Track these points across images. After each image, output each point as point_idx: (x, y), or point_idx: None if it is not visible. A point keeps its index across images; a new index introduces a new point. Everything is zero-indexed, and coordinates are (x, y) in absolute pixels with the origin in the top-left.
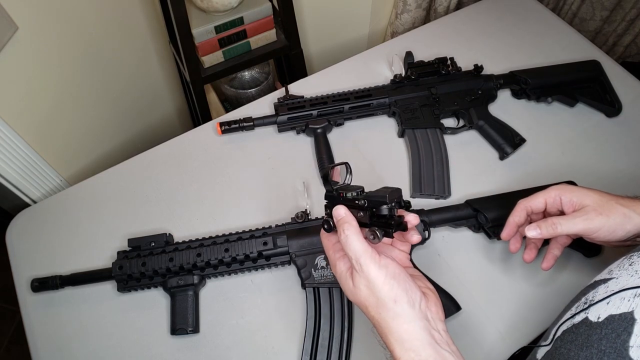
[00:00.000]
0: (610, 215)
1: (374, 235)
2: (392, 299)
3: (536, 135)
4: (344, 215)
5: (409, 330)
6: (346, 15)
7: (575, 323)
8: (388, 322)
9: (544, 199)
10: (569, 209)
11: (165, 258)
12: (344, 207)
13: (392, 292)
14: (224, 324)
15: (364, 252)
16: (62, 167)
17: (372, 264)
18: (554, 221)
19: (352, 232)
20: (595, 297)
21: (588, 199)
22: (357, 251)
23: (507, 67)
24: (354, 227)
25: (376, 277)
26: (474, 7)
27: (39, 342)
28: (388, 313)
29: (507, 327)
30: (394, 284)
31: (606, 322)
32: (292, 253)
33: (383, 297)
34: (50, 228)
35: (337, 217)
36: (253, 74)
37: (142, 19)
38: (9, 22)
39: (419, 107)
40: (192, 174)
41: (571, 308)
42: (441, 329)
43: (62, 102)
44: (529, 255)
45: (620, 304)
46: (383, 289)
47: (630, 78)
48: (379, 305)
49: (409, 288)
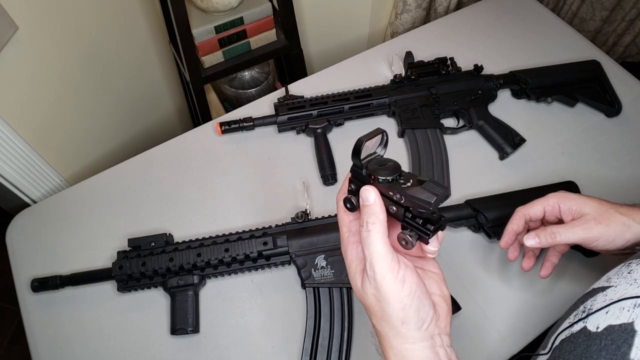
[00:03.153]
0: (610, 224)
1: (406, 241)
2: (401, 319)
3: (536, 135)
4: (373, 203)
5: (411, 349)
6: (346, 15)
7: (573, 332)
8: (390, 338)
9: (543, 206)
10: (568, 217)
11: (165, 258)
12: (376, 192)
13: (402, 313)
14: (224, 324)
15: (384, 258)
16: (62, 167)
17: (389, 275)
18: (553, 230)
19: (377, 230)
20: (594, 306)
21: (587, 208)
22: (376, 255)
23: (507, 67)
24: (381, 224)
25: (389, 292)
26: (474, 7)
27: (39, 342)
28: (392, 331)
29: (507, 327)
30: (406, 303)
31: (605, 332)
32: (292, 253)
33: (391, 314)
34: (50, 228)
35: (365, 201)
36: (253, 74)
37: (142, 19)
38: (9, 22)
39: (419, 107)
40: (192, 174)
41: (569, 316)
42: (446, 345)
43: (62, 102)
44: (527, 263)
45: (620, 314)
46: (394, 307)
47: (630, 78)
48: (384, 320)
49: (422, 307)
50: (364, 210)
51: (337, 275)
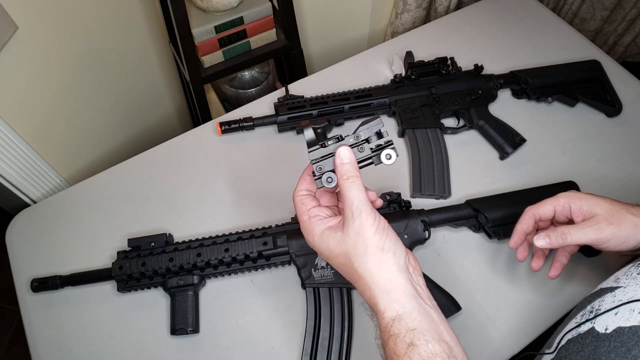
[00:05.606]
0: (621, 225)
1: (390, 155)
2: (380, 247)
3: (536, 135)
4: (351, 160)
5: (394, 280)
6: (346, 15)
7: (581, 333)
8: (373, 272)
9: (553, 206)
10: (579, 217)
11: (165, 258)
12: (349, 150)
13: (381, 242)
14: (224, 324)
15: (366, 202)
16: (62, 167)
17: (371, 215)
18: (564, 231)
19: (359, 181)
20: (602, 307)
21: (599, 208)
22: (360, 200)
23: (507, 67)
24: (358, 177)
25: (370, 226)
26: (474, 7)
27: (39, 342)
28: (374, 262)
29: (508, 327)
30: (383, 235)
31: (615, 334)
32: (292, 253)
33: (372, 246)
34: (50, 228)
35: (343, 159)
36: (253, 73)
37: (142, 19)
38: (9, 22)
39: (419, 107)
40: (192, 174)
41: (576, 316)
42: (422, 284)
43: (62, 102)
44: (537, 263)
45: (630, 316)
46: (374, 238)
47: (630, 78)
48: (366, 254)
49: (396, 242)
50: (345, 168)
51: (337, 275)
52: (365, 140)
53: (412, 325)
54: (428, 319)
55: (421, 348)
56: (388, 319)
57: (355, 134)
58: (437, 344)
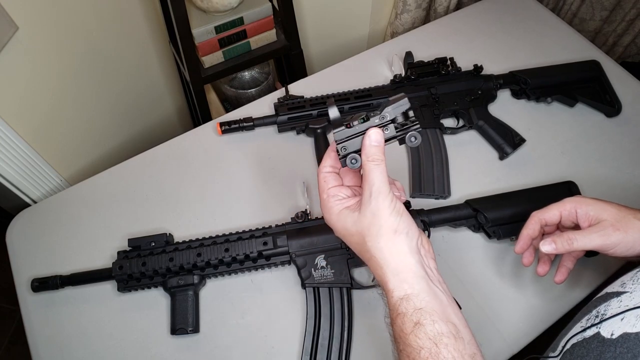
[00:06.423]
0: (628, 230)
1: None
2: (394, 229)
3: (536, 135)
4: (380, 144)
5: (404, 262)
6: (346, 15)
7: (586, 337)
8: (385, 253)
9: (559, 211)
10: (585, 222)
11: (166, 258)
12: (381, 134)
13: (395, 223)
14: (224, 324)
15: (386, 185)
16: (62, 167)
17: (388, 197)
18: (570, 237)
19: (383, 165)
20: (608, 311)
21: (605, 214)
22: (381, 182)
23: (507, 67)
24: (383, 161)
25: (386, 208)
26: (474, 7)
27: (39, 342)
28: (387, 243)
29: (507, 327)
30: (398, 218)
31: (621, 340)
32: (292, 253)
33: (386, 227)
34: (50, 228)
35: (373, 142)
36: (253, 74)
37: (142, 19)
38: (9, 22)
39: (419, 107)
40: (192, 174)
41: (581, 320)
42: (433, 267)
43: (62, 102)
44: (543, 268)
45: (636, 322)
46: (389, 220)
47: (630, 78)
48: (379, 235)
49: (410, 225)
50: (372, 150)
51: (337, 275)
52: (391, 121)
53: (419, 305)
54: (436, 300)
55: (427, 327)
56: (397, 298)
57: (381, 115)
58: (444, 324)
